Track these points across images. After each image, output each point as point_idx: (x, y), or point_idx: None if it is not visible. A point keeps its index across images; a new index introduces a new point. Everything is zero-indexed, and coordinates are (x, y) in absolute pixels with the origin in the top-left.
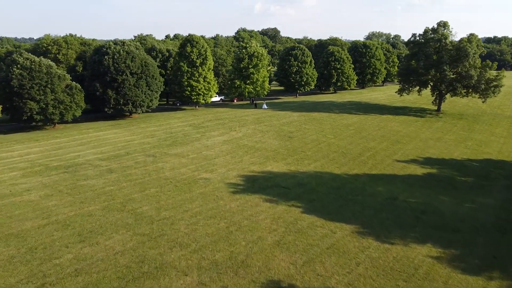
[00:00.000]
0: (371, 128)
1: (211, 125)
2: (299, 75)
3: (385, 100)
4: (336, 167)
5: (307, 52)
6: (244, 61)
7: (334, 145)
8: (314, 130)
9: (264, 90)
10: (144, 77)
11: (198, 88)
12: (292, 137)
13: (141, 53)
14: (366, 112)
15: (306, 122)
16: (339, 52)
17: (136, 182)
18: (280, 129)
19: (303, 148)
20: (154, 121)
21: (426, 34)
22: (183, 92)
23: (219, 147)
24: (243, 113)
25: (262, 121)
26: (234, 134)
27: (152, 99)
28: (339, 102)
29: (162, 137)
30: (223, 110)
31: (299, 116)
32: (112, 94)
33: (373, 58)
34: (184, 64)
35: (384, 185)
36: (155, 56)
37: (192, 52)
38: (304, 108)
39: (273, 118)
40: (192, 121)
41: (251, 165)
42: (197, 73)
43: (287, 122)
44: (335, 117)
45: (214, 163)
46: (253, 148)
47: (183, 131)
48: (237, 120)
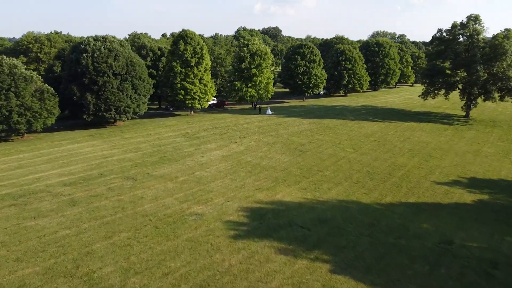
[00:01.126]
0: (396, 139)
1: (207, 135)
2: (306, 76)
3: (403, 104)
4: (364, 193)
5: (315, 50)
6: (246, 61)
7: (356, 162)
8: (329, 141)
9: (268, 93)
10: (129, 78)
11: (193, 91)
12: (304, 151)
13: (126, 51)
14: (385, 119)
15: (318, 132)
16: (350, 51)
17: (103, 221)
18: (289, 140)
19: (319, 166)
20: (141, 130)
21: (454, 30)
22: (175, 96)
23: (216, 166)
24: (245, 120)
25: (267, 130)
26: (235, 147)
27: (140, 104)
28: (353, 106)
29: (148, 151)
30: (221, 116)
31: (309, 124)
32: (91, 99)
33: (386, 58)
34: (177, 64)
35: (429, 219)
36: (145, 55)
37: (186, 50)
38: (314, 113)
39: (279, 126)
40: (185, 130)
41: (257, 192)
42: (192, 74)
43: (296, 132)
44: (351, 125)
45: (210, 189)
46: (257, 166)
47: (173, 143)
48: (238, 129)
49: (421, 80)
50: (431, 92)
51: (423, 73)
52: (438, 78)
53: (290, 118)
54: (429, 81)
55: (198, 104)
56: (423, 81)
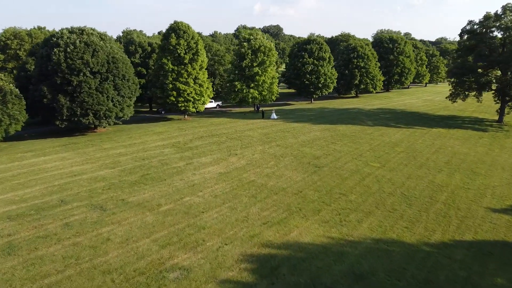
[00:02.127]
0: (426, 150)
1: (202, 145)
2: (315, 75)
3: (423, 106)
4: (405, 227)
5: (325, 46)
6: (247, 58)
7: (386, 181)
8: (348, 153)
9: (272, 94)
10: (111, 78)
11: (187, 92)
12: (320, 166)
13: (107, 46)
14: (408, 124)
15: (334, 140)
16: (363, 47)
17: (42, 284)
18: (301, 152)
19: (342, 187)
20: (124, 139)
21: (487, 22)
22: (166, 98)
23: (211, 187)
24: (246, 125)
25: (272, 138)
26: (235, 162)
27: (123, 108)
28: (368, 109)
29: (128, 166)
30: (219, 121)
31: (322, 131)
32: (64, 102)
33: (401, 55)
34: (168, 61)
35: (501, 270)
36: (133, 51)
37: (178, 44)
38: (326, 118)
39: (287, 133)
40: (177, 139)
41: (264, 228)
42: (186, 72)
43: (308, 141)
44: (371, 132)
45: (201, 224)
46: (264, 188)
47: (161, 155)
48: (239, 138)
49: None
50: (460, 93)
51: (451, 71)
52: (468, 78)
53: (299, 123)
54: (458, 80)
55: (193, 107)
56: (451, 81)
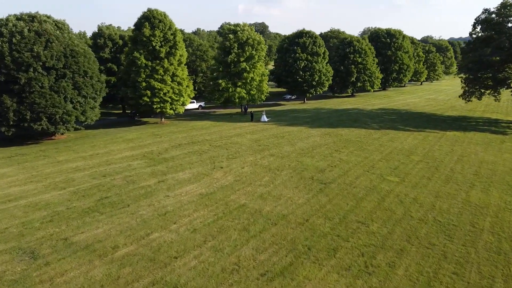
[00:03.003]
0: (447, 158)
1: (179, 156)
2: (309, 72)
3: (428, 106)
4: (453, 273)
5: (319, 40)
6: (233, 52)
7: (411, 201)
8: (358, 164)
9: (262, 93)
10: (70, 74)
11: (163, 91)
12: (327, 182)
13: (65, 36)
14: (418, 127)
15: (338, 148)
16: (359, 41)
17: None
18: (301, 163)
19: (358, 212)
20: (86, 148)
21: (505, 10)
22: (139, 98)
23: (189, 217)
24: (233, 130)
25: (265, 146)
26: (220, 178)
27: (86, 110)
28: (369, 110)
29: (83, 187)
30: (201, 124)
31: (322, 136)
32: (10, 104)
33: (399, 51)
34: (141, 55)
35: None
36: (102, 45)
37: (153, 36)
38: (324, 120)
39: (282, 139)
40: (149, 148)
41: (263, 285)
42: (162, 68)
43: (307, 148)
44: (378, 137)
45: (173, 281)
46: (258, 216)
47: (127, 170)
48: (224, 145)
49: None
50: (475, 91)
51: (465, 66)
52: (484, 73)
53: (294, 126)
54: (473, 77)
55: (170, 109)
56: (464, 77)
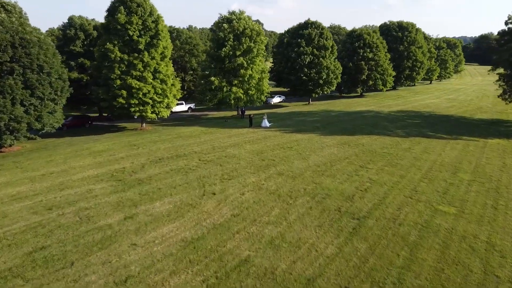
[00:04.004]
0: (504, 176)
1: (158, 175)
2: (315, 68)
3: (452, 108)
4: None
5: (326, 32)
6: (227, 45)
7: (485, 247)
8: (394, 186)
9: (262, 94)
10: (19, 70)
11: (143, 91)
12: (360, 216)
13: (13, 21)
14: (451, 133)
15: (363, 162)
16: (370, 35)
17: None
18: (319, 186)
19: (416, 271)
20: (41, 164)
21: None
22: (113, 100)
23: (165, 285)
24: (229, 138)
25: (270, 160)
26: (212, 211)
27: (42, 115)
28: (387, 112)
29: (14, 228)
30: (190, 131)
31: (340, 146)
32: None
33: (413, 45)
34: (115, 47)
35: None
36: (73, 36)
37: (129, 23)
38: (336, 125)
39: (290, 151)
40: (121, 163)
41: None
42: (141, 63)
43: (324, 164)
44: (409, 147)
45: None
46: (270, 281)
47: (85, 198)
48: (218, 159)
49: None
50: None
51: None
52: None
53: (302, 134)
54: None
55: (152, 113)
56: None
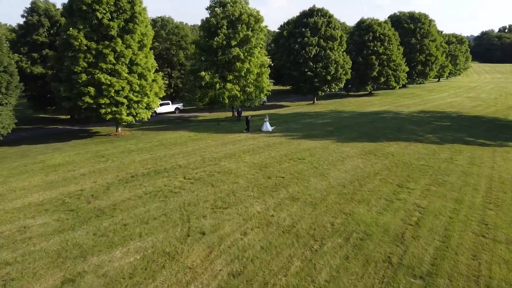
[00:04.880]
0: None
1: (126, 202)
2: (322, 62)
3: (479, 107)
4: None
5: (334, 21)
6: (221, 33)
7: None
8: (452, 216)
9: (262, 91)
10: None
11: (115, 88)
12: (424, 274)
13: None
14: (492, 138)
15: (400, 179)
16: (381, 26)
17: None
18: (352, 219)
19: None
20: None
21: None
22: (77, 99)
23: None
24: (223, 147)
25: (278, 178)
26: (198, 267)
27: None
28: (408, 113)
29: None
30: (175, 137)
31: (364, 156)
32: None
33: (426, 38)
34: (80, 32)
35: None
36: (36, 23)
37: (97, 2)
38: (353, 129)
39: (302, 163)
40: (81, 183)
41: None
42: (113, 53)
43: (351, 183)
44: (449, 157)
45: None
46: None
47: (14, 244)
48: (209, 177)
49: None
50: None
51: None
52: None
53: (314, 140)
54: None
55: (128, 115)
56: None
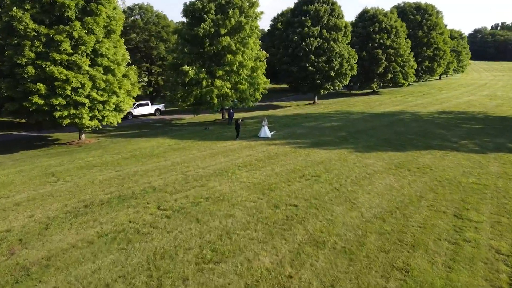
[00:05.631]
0: None
1: (69, 252)
2: (325, 56)
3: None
4: None
5: (338, 9)
6: (208, 19)
7: None
8: None
9: (258, 90)
10: None
11: (73, 85)
12: None
13: None
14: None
15: (453, 207)
16: (387, 16)
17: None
18: (414, 283)
19: None
20: None
21: None
22: (24, 99)
23: None
24: (212, 159)
25: (289, 208)
26: None
27: None
28: (427, 114)
29: None
30: (152, 146)
31: (395, 172)
32: None
33: (434, 31)
34: (25, 13)
35: None
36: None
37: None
38: (369, 134)
39: (318, 185)
40: (8, 221)
41: None
42: (69, 39)
43: (389, 214)
44: (502, 171)
45: None
46: None
47: None
48: (191, 208)
49: None
50: None
51: None
52: None
53: (325, 149)
54: None
55: (92, 119)
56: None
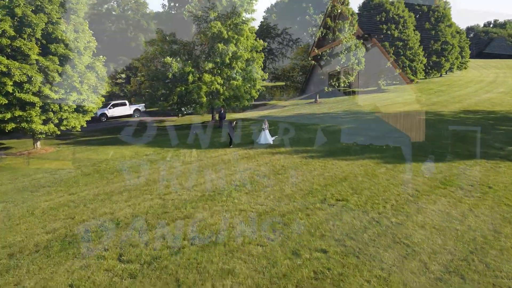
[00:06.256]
0: None
1: None
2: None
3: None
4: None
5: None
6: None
7: None
8: None
9: (254, 86)
10: None
11: (16, 78)
12: None
13: None
14: None
15: None
16: (395, 5)
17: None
18: None
19: None
20: None
21: None
22: None
23: None
24: (200, 175)
25: (314, 257)
26: None
27: None
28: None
29: None
30: (122, 156)
31: (446, 193)
32: None
33: (442, 23)
34: None
35: None
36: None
37: None
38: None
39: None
40: None
41: None
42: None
43: (467, 263)
44: None
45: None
46: None
47: None
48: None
49: None
50: None
51: None
52: None
53: (343, 159)
54: None
55: (46, 122)
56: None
